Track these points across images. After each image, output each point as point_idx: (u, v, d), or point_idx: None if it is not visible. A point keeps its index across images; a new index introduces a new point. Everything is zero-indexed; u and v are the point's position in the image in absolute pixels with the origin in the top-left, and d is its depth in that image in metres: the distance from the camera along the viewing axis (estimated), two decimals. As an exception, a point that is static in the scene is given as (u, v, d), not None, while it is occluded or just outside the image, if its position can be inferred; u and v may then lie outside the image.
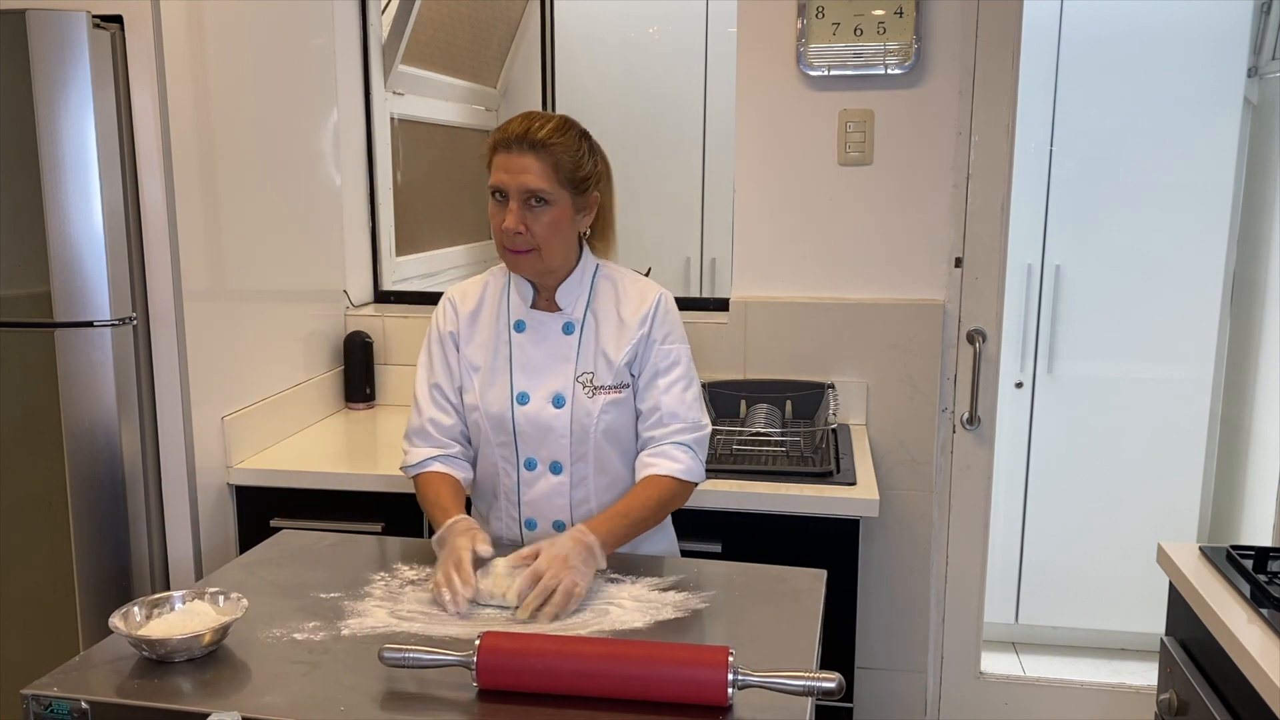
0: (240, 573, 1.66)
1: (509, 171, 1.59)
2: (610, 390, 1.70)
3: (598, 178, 1.68)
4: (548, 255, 1.64)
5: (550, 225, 1.61)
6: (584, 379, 1.70)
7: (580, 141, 1.64)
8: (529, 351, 1.71)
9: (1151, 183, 3.01)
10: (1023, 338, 3.14)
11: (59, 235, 1.94)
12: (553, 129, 1.60)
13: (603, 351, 1.70)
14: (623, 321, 1.71)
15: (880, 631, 2.66)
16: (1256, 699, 1.37)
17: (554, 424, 1.69)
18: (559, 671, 1.24)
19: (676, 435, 1.69)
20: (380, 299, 3.01)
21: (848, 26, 2.46)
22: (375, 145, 2.96)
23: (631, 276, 1.76)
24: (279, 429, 2.48)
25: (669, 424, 1.69)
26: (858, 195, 2.56)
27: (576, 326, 1.71)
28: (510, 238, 1.61)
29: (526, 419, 1.70)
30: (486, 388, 1.72)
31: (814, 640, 1.43)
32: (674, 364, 1.71)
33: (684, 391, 1.71)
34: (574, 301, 1.71)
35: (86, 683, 1.30)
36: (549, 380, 1.70)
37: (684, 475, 1.68)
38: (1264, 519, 2.97)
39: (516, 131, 1.59)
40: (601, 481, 1.73)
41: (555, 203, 1.61)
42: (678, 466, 1.68)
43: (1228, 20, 2.92)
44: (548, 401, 1.69)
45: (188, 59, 2.08)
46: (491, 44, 3.64)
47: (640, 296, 1.72)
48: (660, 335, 1.71)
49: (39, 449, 2.01)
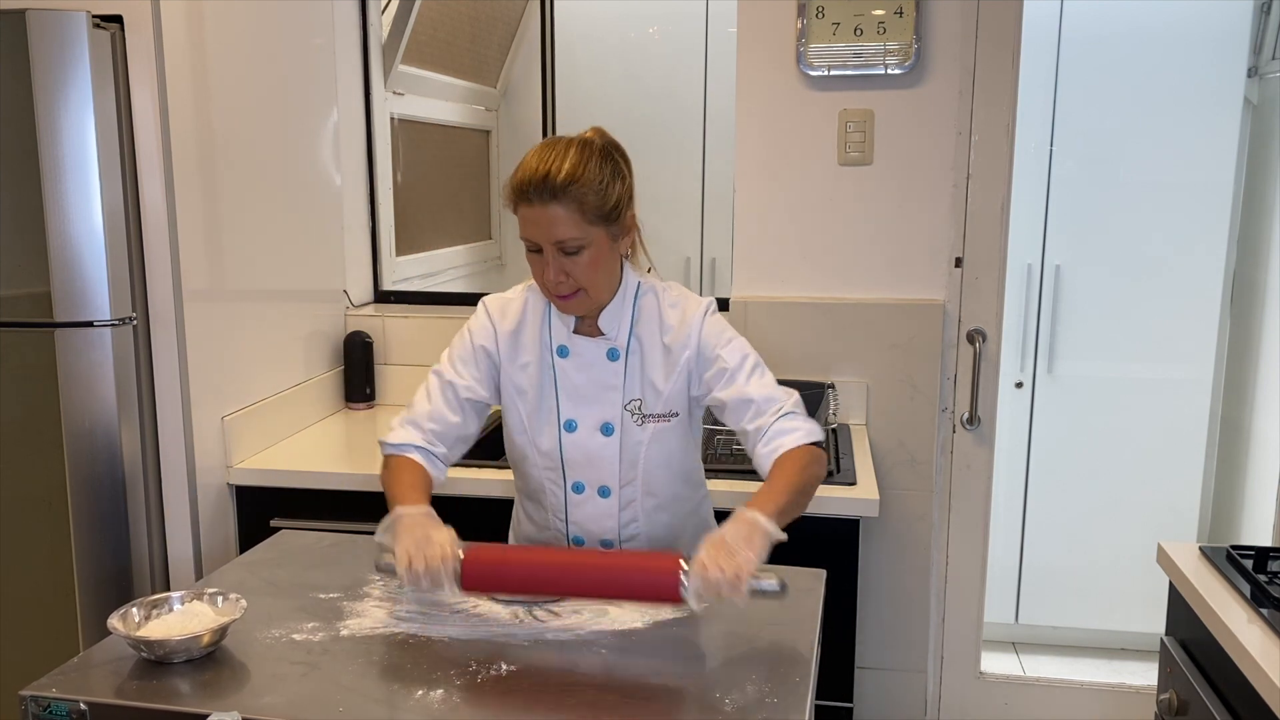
0: (240, 573, 1.66)
1: (536, 224, 1.54)
2: (659, 419, 1.66)
3: (629, 197, 1.61)
4: (595, 292, 1.60)
5: (590, 266, 1.56)
6: (632, 406, 1.66)
7: (601, 169, 1.55)
8: (574, 378, 1.67)
9: (1151, 183, 3.00)
10: (1023, 338, 3.14)
11: (59, 235, 1.94)
12: (571, 167, 1.52)
13: (650, 380, 1.66)
14: (668, 349, 1.66)
15: (880, 631, 2.66)
16: (1256, 699, 1.37)
17: (602, 453, 1.67)
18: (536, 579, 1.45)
19: (779, 413, 1.60)
20: (380, 299, 3.01)
21: (848, 26, 2.46)
22: (375, 145, 2.96)
23: (672, 295, 1.69)
24: (279, 429, 2.48)
25: (768, 409, 1.61)
26: (858, 195, 2.56)
27: (621, 352, 1.66)
28: (554, 287, 1.58)
29: (575, 447, 1.67)
30: (533, 414, 1.69)
31: (814, 640, 1.43)
32: (744, 357, 1.65)
33: (763, 377, 1.64)
34: (617, 326, 1.66)
35: (85, 683, 1.30)
36: (596, 408, 1.67)
37: (808, 439, 1.57)
38: (1264, 519, 2.97)
39: (535, 180, 1.51)
40: (650, 504, 1.71)
41: (590, 243, 1.55)
42: (797, 434, 1.57)
43: (1228, 20, 2.92)
44: (596, 430, 1.67)
45: (188, 59, 2.08)
46: (491, 44, 3.64)
47: (680, 318, 1.66)
48: (711, 344, 1.65)
49: (39, 449, 2.01)
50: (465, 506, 2.21)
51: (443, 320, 2.82)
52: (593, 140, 1.59)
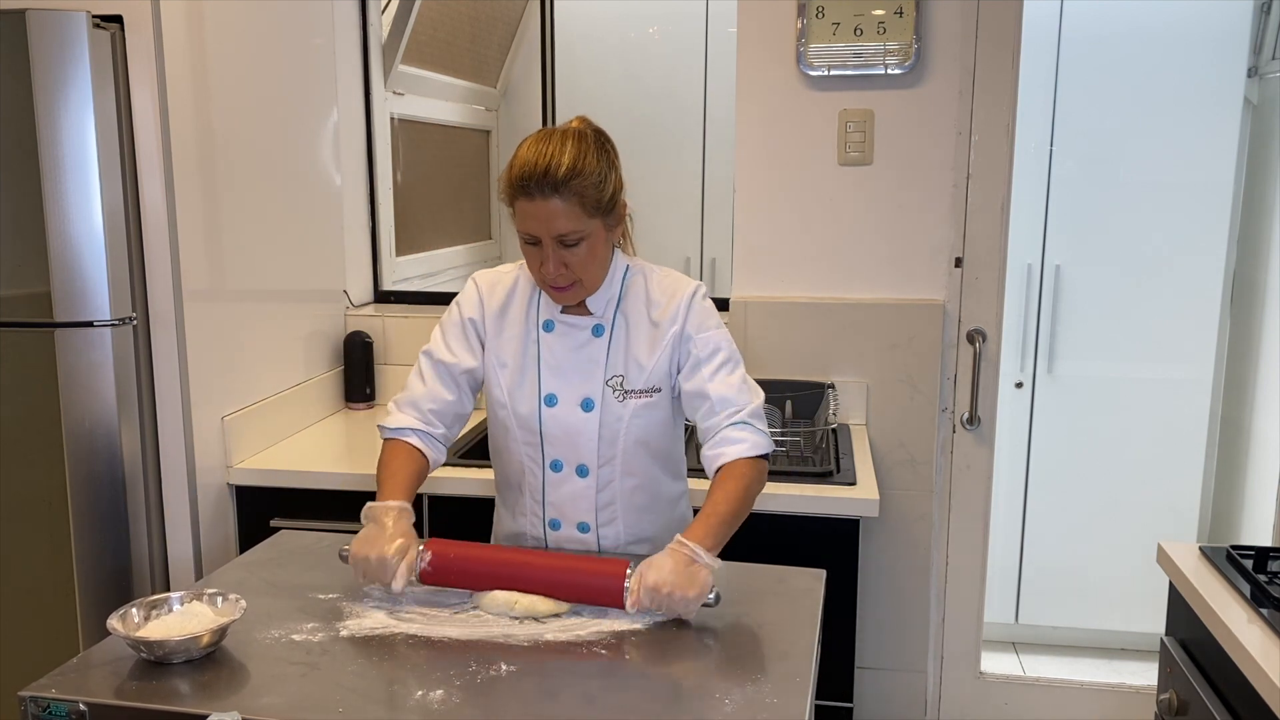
0: (239, 573, 1.66)
1: (536, 219, 1.55)
2: (641, 394, 1.67)
3: (621, 185, 1.63)
4: (590, 282, 1.62)
5: (588, 256, 1.58)
6: (614, 382, 1.67)
7: (599, 161, 1.56)
8: (557, 352, 1.68)
9: (1151, 183, 3.00)
10: (1023, 338, 3.14)
11: (59, 235, 1.94)
12: (571, 161, 1.52)
13: (634, 355, 1.67)
14: (654, 324, 1.67)
15: (880, 631, 2.66)
16: (1256, 699, 1.37)
17: (582, 428, 1.67)
18: (493, 575, 1.52)
19: (732, 418, 1.64)
20: (380, 299, 3.01)
21: (848, 26, 2.46)
22: (375, 145, 2.96)
23: (660, 274, 1.72)
24: (279, 429, 2.48)
25: (721, 410, 1.64)
26: (858, 195, 2.56)
27: (606, 329, 1.68)
28: (553, 279, 1.59)
29: (554, 421, 1.68)
30: (514, 387, 1.70)
31: (814, 640, 1.43)
32: (715, 350, 1.67)
33: (729, 375, 1.66)
34: (604, 304, 1.68)
35: (84, 684, 1.30)
36: (577, 383, 1.67)
37: (751, 452, 1.62)
38: (1264, 519, 2.97)
39: (535, 174, 1.52)
40: (628, 484, 1.71)
41: (589, 235, 1.57)
42: (743, 446, 1.62)
43: (1228, 20, 2.92)
44: (576, 405, 1.67)
45: (188, 59, 2.08)
46: (491, 44, 3.64)
47: (669, 295, 1.68)
48: (694, 326, 1.67)
49: (39, 449, 2.01)
50: (455, 506, 2.22)
51: (443, 320, 2.82)
52: (584, 131, 1.60)
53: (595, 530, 1.72)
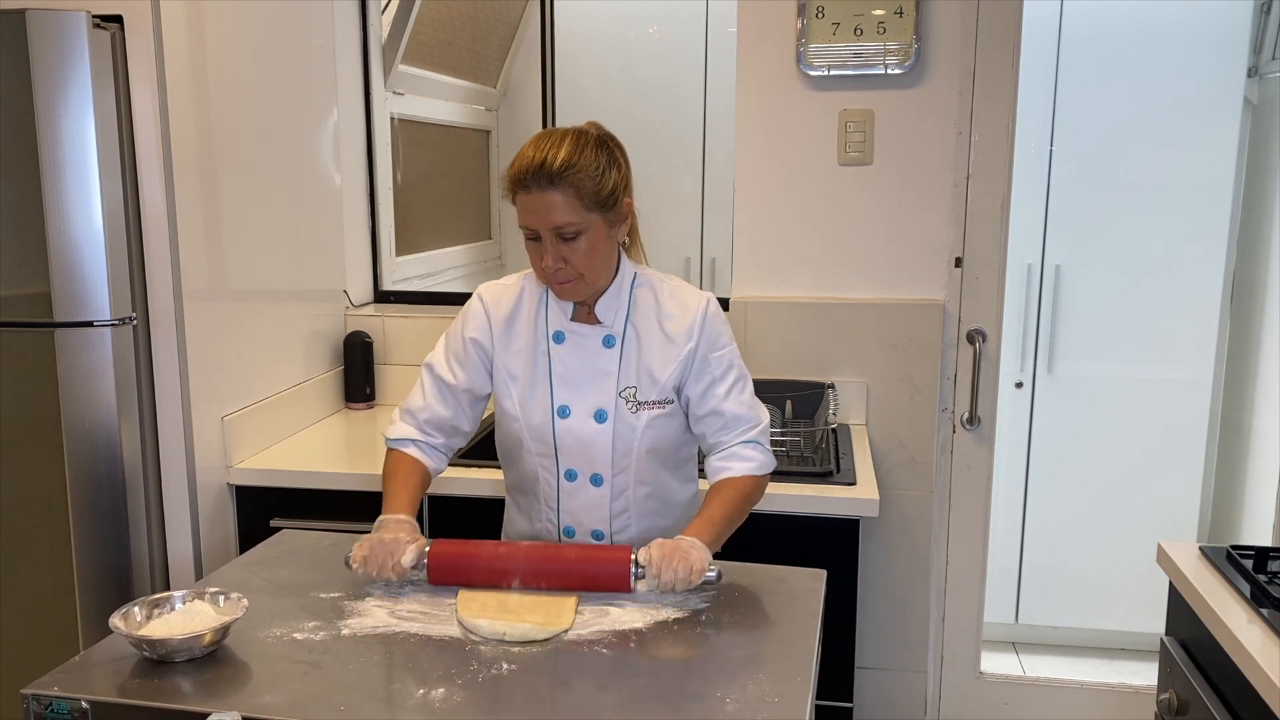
0: (240, 572, 1.66)
1: (534, 211, 1.57)
2: (655, 405, 1.68)
3: (625, 185, 1.64)
4: (592, 278, 1.63)
5: (588, 252, 1.59)
6: (627, 394, 1.68)
7: (597, 156, 1.58)
8: (569, 364, 1.69)
9: (1151, 183, 3.01)
10: (1023, 338, 3.14)
11: (59, 235, 1.94)
12: (567, 154, 1.55)
13: (647, 367, 1.68)
14: (668, 337, 1.68)
15: (880, 631, 2.66)
16: (1256, 699, 1.37)
17: (596, 439, 1.68)
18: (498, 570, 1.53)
19: (743, 435, 1.70)
20: (380, 299, 3.01)
21: (848, 26, 2.46)
22: (375, 145, 2.96)
23: (671, 285, 1.72)
24: (279, 429, 2.48)
25: (735, 427, 1.70)
26: (858, 195, 2.56)
27: (617, 340, 1.68)
28: (552, 274, 1.61)
29: (568, 433, 1.69)
30: (526, 399, 1.70)
31: (814, 640, 1.43)
32: (729, 369, 1.70)
33: (741, 393, 1.71)
34: (613, 314, 1.68)
35: (87, 682, 1.30)
36: (590, 394, 1.68)
37: (758, 471, 1.70)
38: (1264, 519, 2.97)
39: (532, 167, 1.55)
40: (641, 492, 1.73)
41: (588, 229, 1.58)
42: (751, 464, 1.69)
43: (1228, 20, 2.92)
44: (589, 416, 1.68)
45: (188, 59, 2.08)
46: (491, 44, 3.64)
47: (682, 308, 1.69)
48: (709, 346, 1.69)
49: (39, 449, 2.01)
50: (462, 506, 2.22)
51: (443, 320, 2.79)
52: (588, 130, 1.63)
53: (610, 537, 1.74)
